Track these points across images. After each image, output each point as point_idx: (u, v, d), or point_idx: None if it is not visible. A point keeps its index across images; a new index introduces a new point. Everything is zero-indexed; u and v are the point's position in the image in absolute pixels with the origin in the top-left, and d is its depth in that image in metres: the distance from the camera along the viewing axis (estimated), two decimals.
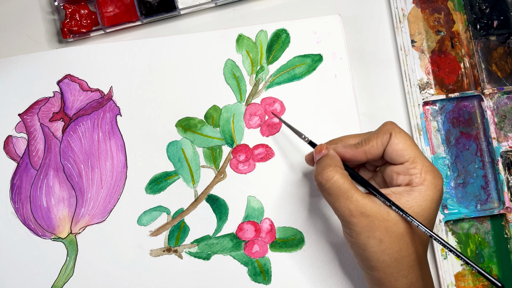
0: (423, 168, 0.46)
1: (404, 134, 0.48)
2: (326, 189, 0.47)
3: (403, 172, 0.47)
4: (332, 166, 0.47)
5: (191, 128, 0.60)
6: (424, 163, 0.47)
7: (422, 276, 0.47)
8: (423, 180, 0.46)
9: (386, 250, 0.45)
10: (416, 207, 0.45)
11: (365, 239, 0.46)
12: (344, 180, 0.46)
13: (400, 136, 0.47)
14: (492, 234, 0.61)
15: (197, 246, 0.59)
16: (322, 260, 0.59)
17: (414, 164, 0.46)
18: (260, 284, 0.58)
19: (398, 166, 0.48)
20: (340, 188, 0.46)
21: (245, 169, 0.59)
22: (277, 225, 0.59)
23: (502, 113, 0.63)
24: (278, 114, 0.60)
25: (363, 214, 0.45)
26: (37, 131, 0.59)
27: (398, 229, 0.45)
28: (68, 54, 0.61)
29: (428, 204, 0.46)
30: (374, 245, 0.45)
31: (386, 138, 0.48)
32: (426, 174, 0.46)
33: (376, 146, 0.48)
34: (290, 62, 0.60)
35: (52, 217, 0.58)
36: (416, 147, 0.47)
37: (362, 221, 0.45)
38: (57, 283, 0.58)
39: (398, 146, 0.47)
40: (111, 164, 0.59)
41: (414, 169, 0.46)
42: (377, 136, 0.48)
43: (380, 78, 0.63)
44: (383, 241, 0.45)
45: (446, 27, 0.64)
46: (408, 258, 0.46)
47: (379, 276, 0.47)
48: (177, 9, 0.61)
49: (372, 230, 0.45)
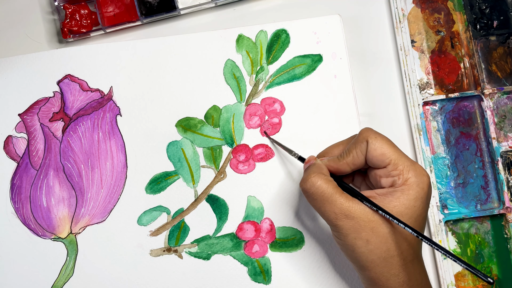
0: (405, 168, 0.47)
1: (381, 138, 0.48)
2: (310, 195, 0.48)
3: (385, 175, 0.48)
4: (315, 173, 0.48)
5: (191, 128, 0.60)
6: (405, 163, 0.47)
7: (415, 274, 0.47)
8: (405, 180, 0.47)
9: (373, 250, 0.46)
10: (399, 206, 0.46)
11: (352, 240, 0.46)
12: (328, 185, 0.47)
13: (376, 141, 0.48)
14: (492, 234, 0.61)
15: (197, 246, 0.59)
16: (322, 260, 0.59)
17: (395, 166, 0.47)
18: (260, 284, 0.58)
19: (381, 169, 0.48)
20: (324, 193, 0.47)
21: (245, 169, 0.59)
22: (277, 225, 0.59)
23: (502, 113, 0.63)
24: (278, 114, 0.60)
25: (348, 217, 0.46)
26: (37, 131, 0.59)
27: (383, 229, 0.46)
28: (68, 54, 0.61)
29: (411, 203, 0.46)
30: (362, 245, 0.46)
31: (364, 146, 0.48)
32: (408, 173, 0.47)
33: (356, 156, 0.49)
34: (290, 62, 0.60)
35: (52, 217, 0.58)
36: (394, 149, 0.48)
37: (347, 223, 0.46)
38: (57, 283, 0.58)
39: (376, 152, 0.48)
40: (111, 164, 0.59)
41: (395, 171, 0.47)
42: (355, 146, 0.49)
43: (380, 78, 0.63)
44: (370, 242, 0.46)
45: (446, 27, 0.64)
46: (398, 258, 0.46)
47: (370, 276, 0.47)
48: (177, 9, 0.61)
49: (358, 231, 0.46)
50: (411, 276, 0.47)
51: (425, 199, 0.47)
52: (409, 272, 0.47)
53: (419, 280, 0.48)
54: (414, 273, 0.47)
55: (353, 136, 0.52)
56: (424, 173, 0.47)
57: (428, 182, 0.47)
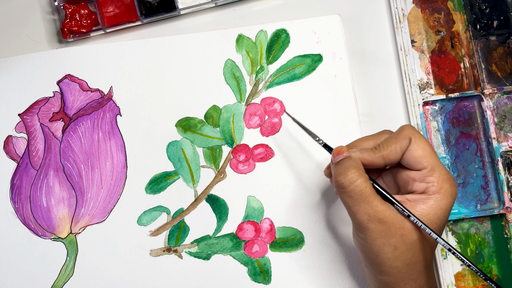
0: (440, 177, 0.46)
1: (424, 140, 0.47)
2: (347, 192, 0.46)
3: (419, 179, 0.46)
4: (355, 169, 0.46)
5: (191, 128, 0.60)
6: (442, 171, 0.46)
7: (429, 279, 0.47)
8: (440, 188, 0.45)
9: (399, 257, 0.45)
10: (431, 215, 0.45)
11: (380, 246, 0.45)
12: (367, 184, 0.45)
13: (420, 142, 0.46)
14: (492, 234, 0.61)
15: (197, 246, 0.59)
16: (322, 260, 0.59)
17: (432, 172, 0.46)
18: (260, 284, 0.58)
19: (414, 172, 0.47)
20: (362, 192, 0.45)
21: (245, 169, 0.59)
22: (277, 225, 0.59)
23: (502, 113, 0.62)
24: (277, 114, 0.60)
25: (380, 221, 0.45)
26: (37, 131, 0.59)
27: (412, 237, 0.45)
28: (68, 54, 0.61)
29: (442, 213, 0.45)
30: (389, 251, 0.45)
31: (405, 143, 0.47)
32: (443, 182, 0.46)
33: (395, 152, 0.47)
34: (290, 62, 0.60)
35: (52, 217, 0.58)
36: (435, 155, 0.46)
37: (379, 227, 0.45)
38: (57, 283, 0.58)
39: (418, 153, 0.46)
40: (111, 164, 0.59)
41: (431, 177, 0.46)
42: (396, 141, 0.47)
43: (380, 78, 0.63)
44: (397, 248, 0.45)
45: (446, 27, 0.64)
46: (419, 264, 0.46)
47: (388, 281, 0.46)
48: (177, 9, 0.61)
49: (388, 237, 0.45)
50: (428, 280, 0.47)
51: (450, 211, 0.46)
52: (425, 277, 0.46)
53: (434, 284, 0.48)
54: (430, 277, 0.47)
55: (383, 132, 0.50)
56: (455, 184, 0.46)
57: (456, 193, 0.46)
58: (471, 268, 0.45)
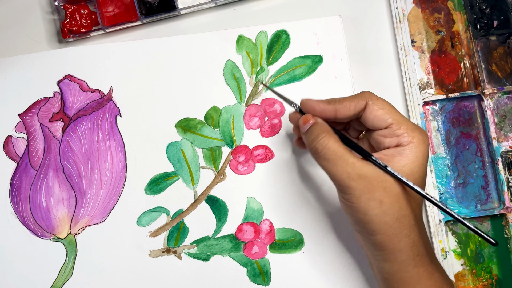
0: (409, 127, 0.47)
1: (382, 100, 0.48)
2: (322, 155, 0.47)
3: (389, 135, 0.48)
4: (324, 132, 0.48)
5: (191, 129, 0.60)
6: (408, 123, 0.47)
7: (423, 233, 0.47)
8: (412, 137, 0.47)
9: (387, 211, 0.45)
10: (410, 164, 0.46)
11: (366, 202, 0.45)
12: (339, 144, 0.47)
13: (379, 102, 0.48)
14: (492, 234, 0.61)
15: (196, 247, 0.59)
16: (322, 261, 0.59)
17: (399, 125, 0.47)
18: (260, 285, 0.58)
19: (383, 130, 0.48)
20: (336, 152, 0.46)
21: (244, 170, 0.59)
22: (277, 226, 0.59)
23: (502, 113, 0.62)
24: (278, 115, 0.60)
25: (361, 177, 0.45)
26: (37, 132, 0.59)
27: (396, 189, 0.46)
28: (68, 54, 0.61)
29: (420, 161, 0.47)
30: (375, 207, 0.45)
31: (360, 104, 0.48)
32: (413, 132, 0.47)
33: (348, 108, 0.49)
34: (290, 63, 0.60)
35: (52, 218, 0.59)
36: (396, 110, 0.48)
37: (360, 183, 0.45)
38: (56, 283, 0.58)
39: (379, 112, 0.48)
40: (110, 165, 0.59)
41: (400, 130, 0.47)
42: (352, 100, 0.49)
43: (380, 78, 0.63)
44: (383, 202, 0.45)
45: (446, 27, 0.64)
46: (409, 217, 0.46)
47: (381, 239, 0.46)
48: (177, 9, 0.61)
49: (372, 192, 0.45)
50: (421, 235, 0.47)
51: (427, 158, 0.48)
52: (418, 232, 0.47)
53: (426, 240, 0.48)
54: (422, 232, 0.47)
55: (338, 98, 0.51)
56: (424, 132, 0.47)
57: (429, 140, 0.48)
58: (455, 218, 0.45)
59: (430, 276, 0.47)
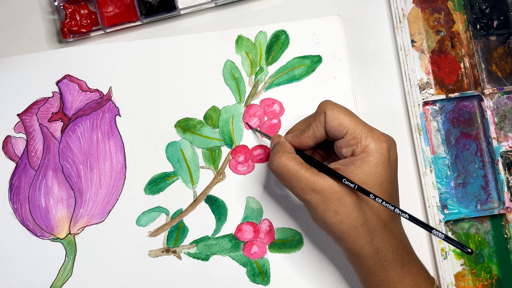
0: (362, 136, 0.47)
1: (338, 109, 0.49)
2: (278, 174, 0.49)
3: (345, 145, 0.48)
4: (280, 152, 0.50)
5: (190, 129, 0.60)
6: (362, 130, 0.48)
7: (389, 240, 0.48)
8: (363, 147, 0.47)
9: (343, 220, 0.47)
10: (361, 174, 0.47)
11: (322, 213, 0.47)
12: (293, 162, 0.48)
13: (333, 112, 0.48)
14: (492, 234, 0.61)
15: (196, 246, 0.59)
16: (321, 261, 0.59)
17: (352, 134, 0.48)
18: (259, 285, 0.58)
19: (340, 140, 0.49)
20: (289, 170, 0.48)
21: (244, 170, 0.59)
22: (276, 226, 0.59)
23: (502, 113, 0.62)
24: (277, 115, 0.60)
25: (314, 190, 0.47)
26: (36, 132, 0.59)
27: (349, 199, 0.47)
28: (68, 54, 0.61)
29: (372, 169, 0.47)
30: (331, 216, 0.47)
31: (322, 118, 0.49)
32: (366, 140, 0.47)
33: (317, 129, 0.50)
34: (290, 63, 0.60)
35: (51, 218, 0.59)
36: (351, 118, 0.48)
37: (314, 196, 0.47)
38: (55, 283, 0.58)
39: (334, 123, 0.48)
40: (110, 165, 0.59)
41: (353, 140, 0.48)
42: (315, 119, 0.50)
43: (380, 78, 0.63)
44: (338, 212, 0.47)
45: (446, 27, 0.64)
46: (367, 225, 0.47)
47: (346, 246, 0.48)
48: (177, 9, 0.61)
49: (326, 203, 0.47)
50: (385, 242, 0.48)
51: (387, 164, 0.47)
52: (382, 238, 0.47)
53: (395, 246, 0.48)
54: (388, 239, 0.48)
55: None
56: (382, 138, 0.48)
57: (387, 147, 0.47)
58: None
59: (401, 280, 0.48)
